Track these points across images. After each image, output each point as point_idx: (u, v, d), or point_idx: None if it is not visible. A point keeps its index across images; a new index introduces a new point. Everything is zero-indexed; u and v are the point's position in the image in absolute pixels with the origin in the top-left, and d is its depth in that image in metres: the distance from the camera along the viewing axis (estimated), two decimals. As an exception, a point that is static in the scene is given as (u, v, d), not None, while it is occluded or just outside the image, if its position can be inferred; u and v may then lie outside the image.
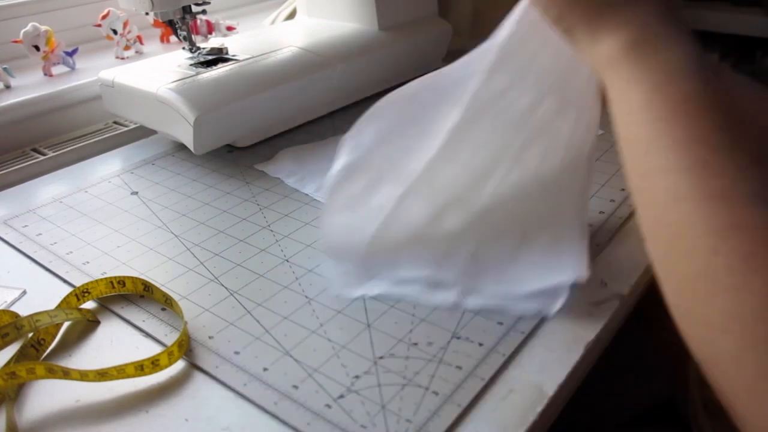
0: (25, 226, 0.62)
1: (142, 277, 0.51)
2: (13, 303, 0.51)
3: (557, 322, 0.46)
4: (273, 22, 1.06)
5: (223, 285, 0.52)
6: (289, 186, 0.67)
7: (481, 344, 0.44)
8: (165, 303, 0.49)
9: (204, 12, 0.76)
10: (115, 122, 0.85)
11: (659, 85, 0.34)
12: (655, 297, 0.40)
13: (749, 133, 0.32)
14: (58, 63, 0.88)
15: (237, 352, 0.44)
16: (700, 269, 0.30)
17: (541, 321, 0.46)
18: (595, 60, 0.38)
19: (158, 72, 0.75)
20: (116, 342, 0.47)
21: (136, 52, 0.97)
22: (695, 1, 1.10)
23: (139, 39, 0.97)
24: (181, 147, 0.76)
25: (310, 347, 0.45)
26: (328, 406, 0.40)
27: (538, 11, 0.41)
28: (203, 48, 0.79)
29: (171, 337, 0.46)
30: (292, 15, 1.03)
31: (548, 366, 0.42)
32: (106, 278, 0.50)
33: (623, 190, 0.61)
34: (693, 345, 0.32)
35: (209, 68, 0.75)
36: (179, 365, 0.44)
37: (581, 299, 0.48)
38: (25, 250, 0.58)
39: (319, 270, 0.53)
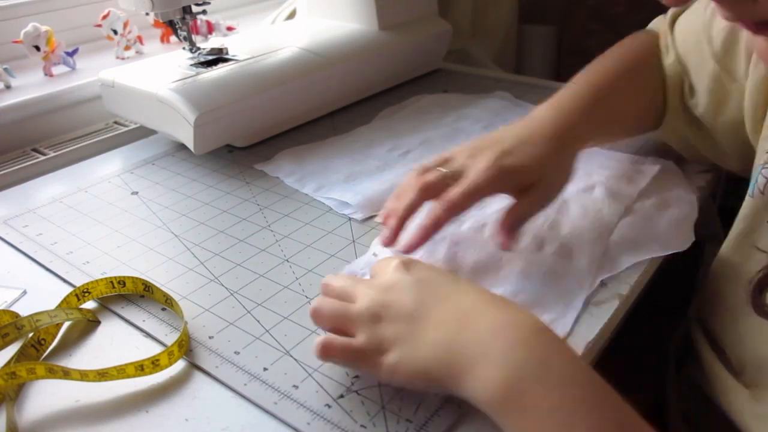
0: (26, 226, 0.62)
1: (142, 277, 0.51)
2: (13, 303, 0.51)
3: (557, 322, 0.46)
4: (273, 22, 1.06)
5: (223, 285, 0.52)
6: (289, 186, 0.67)
7: (481, 344, 0.44)
8: (165, 303, 0.49)
9: (204, 12, 0.76)
10: (115, 122, 0.85)
11: None
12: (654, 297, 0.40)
13: None
14: (59, 63, 0.88)
15: (237, 352, 0.44)
16: None
17: (541, 321, 0.46)
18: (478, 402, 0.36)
19: (158, 72, 0.75)
20: (116, 342, 0.47)
21: (137, 52, 0.97)
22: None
23: (140, 39, 0.97)
24: (181, 147, 0.76)
25: (310, 347, 0.45)
26: (328, 406, 0.40)
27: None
28: (203, 48, 0.79)
29: (171, 337, 0.46)
30: (292, 15, 1.03)
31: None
32: (106, 278, 0.50)
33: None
34: None
35: (209, 68, 0.75)
36: (179, 365, 0.44)
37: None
38: (25, 250, 0.58)
39: (320, 270, 0.53)
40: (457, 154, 0.52)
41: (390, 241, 0.49)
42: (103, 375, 0.41)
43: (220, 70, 0.74)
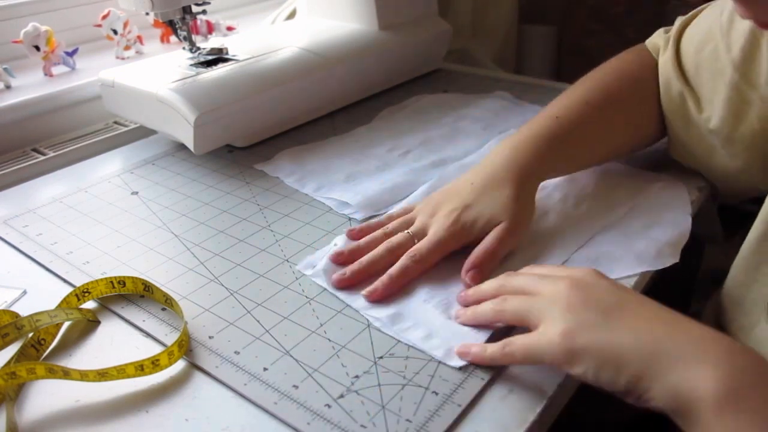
0: (26, 226, 0.62)
1: (142, 277, 0.51)
2: (13, 303, 0.51)
3: (557, 322, 0.46)
4: (273, 22, 1.06)
5: (223, 285, 0.52)
6: (289, 186, 0.67)
7: (481, 344, 0.44)
8: (165, 303, 0.49)
9: (204, 12, 0.76)
10: (115, 122, 0.85)
11: None
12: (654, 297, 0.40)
13: None
14: (59, 63, 0.88)
15: (237, 352, 0.44)
16: None
17: (541, 321, 0.46)
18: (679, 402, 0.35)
19: (158, 72, 0.75)
20: (116, 342, 0.47)
21: (137, 52, 0.97)
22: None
23: (139, 39, 0.97)
24: (181, 147, 0.76)
25: (310, 347, 0.45)
26: (328, 406, 0.40)
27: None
28: (203, 48, 0.79)
29: (171, 337, 0.46)
30: (292, 15, 1.03)
31: (548, 366, 0.42)
32: (106, 278, 0.50)
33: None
34: None
35: (209, 68, 0.75)
36: (179, 365, 0.44)
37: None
38: (25, 250, 0.58)
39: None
40: (419, 212, 0.54)
41: (342, 284, 0.50)
42: (103, 375, 0.41)
43: (220, 70, 0.74)
